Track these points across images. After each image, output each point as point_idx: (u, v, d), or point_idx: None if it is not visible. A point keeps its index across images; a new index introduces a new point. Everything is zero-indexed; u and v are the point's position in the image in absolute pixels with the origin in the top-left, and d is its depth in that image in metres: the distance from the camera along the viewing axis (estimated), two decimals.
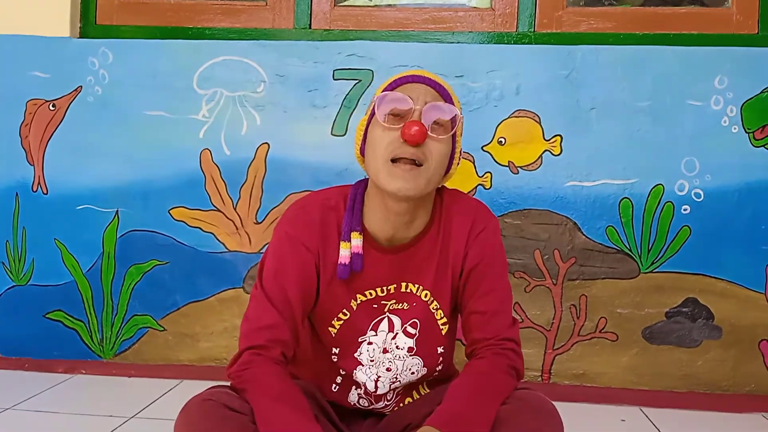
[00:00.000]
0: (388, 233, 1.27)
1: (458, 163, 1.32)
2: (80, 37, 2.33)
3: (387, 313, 1.31)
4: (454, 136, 1.25)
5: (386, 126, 1.19)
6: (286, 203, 2.17)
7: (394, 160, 1.17)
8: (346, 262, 1.25)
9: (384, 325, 1.31)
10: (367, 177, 1.30)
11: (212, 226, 2.23)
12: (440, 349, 1.35)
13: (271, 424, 1.09)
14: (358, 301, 1.30)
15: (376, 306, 1.30)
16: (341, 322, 1.30)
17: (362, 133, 1.27)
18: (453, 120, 1.23)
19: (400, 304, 1.31)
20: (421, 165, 1.17)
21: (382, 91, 1.24)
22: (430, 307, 1.31)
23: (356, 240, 1.25)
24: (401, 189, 1.16)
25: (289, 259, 1.25)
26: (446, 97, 1.24)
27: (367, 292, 1.30)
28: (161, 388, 2.12)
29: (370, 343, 1.31)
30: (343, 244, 1.25)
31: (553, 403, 1.20)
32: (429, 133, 1.17)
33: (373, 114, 1.23)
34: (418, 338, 1.32)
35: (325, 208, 1.29)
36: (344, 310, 1.30)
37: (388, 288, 1.30)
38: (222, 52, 2.23)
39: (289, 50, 2.21)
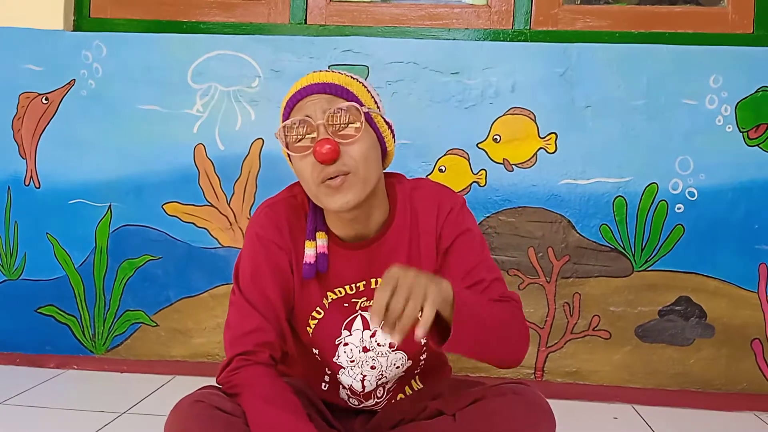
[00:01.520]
0: (350, 233, 1.27)
1: (395, 138, 1.28)
2: (74, 30, 2.31)
3: (359, 311, 1.30)
4: (371, 122, 1.21)
5: (299, 155, 1.16)
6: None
7: (323, 181, 1.15)
8: (312, 262, 1.24)
9: (358, 324, 1.30)
10: None
11: (206, 221, 2.23)
12: (423, 340, 1.34)
13: (265, 427, 1.08)
14: (329, 300, 1.29)
15: (347, 304, 1.30)
16: (316, 321, 1.30)
17: (287, 156, 1.23)
18: (359, 113, 1.17)
19: (371, 301, 1.29)
20: (348, 173, 1.15)
21: (283, 119, 1.21)
22: None
23: (321, 240, 1.25)
24: (342, 205, 1.15)
25: (263, 259, 1.25)
26: (344, 94, 1.18)
27: (336, 290, 1.29)
28: (153, 384, 2.11)
29: (346, 344, 1.31)
30: (308, 244, 1.25)
31: (546, 400, 1.21)
32: (341, 141, 1.14)
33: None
34: None
35: (293, 206, 1.29)
36: (318, 308, 1.29)
37: (357, 285, 1.29)
38: (217, 46, 2.22)
39: (285, 45, 2.20)
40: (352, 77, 1.24)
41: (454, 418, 1.22)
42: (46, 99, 2.26)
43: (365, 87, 1.24)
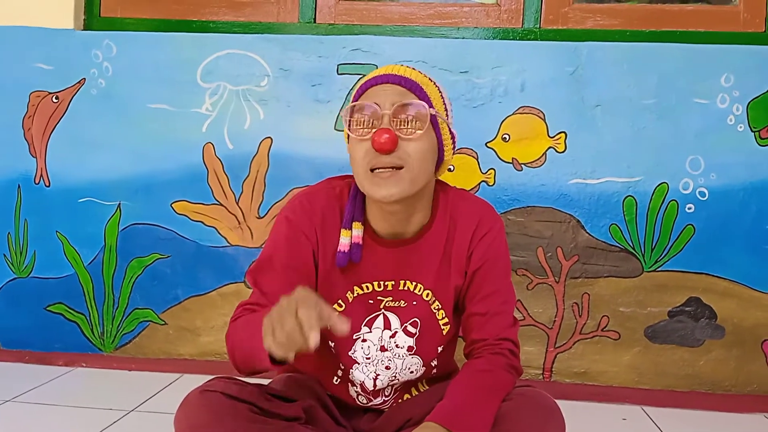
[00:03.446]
0: (388, 229, 1.27)
1: (454, 150, 1.30)
2: (84, 29, 2.32)
3: (383, 310, 1.30)
4: (436, 126, 1.22)
5: (358, 138, 1.18)
6: (289, 198, 2.16)
7: (373, 169, 1.17)
8: (345, 250, 1.24)
9: (379, 322, 1.30)
10: None
11: (214, 220, 2.23)
12: (439, 349, 1.35)
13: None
14: (354, 294, 1.29)
15: (372, 301, 1.30)
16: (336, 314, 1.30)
17: (347, 139, 1.26)
18: (426, 114, 1.19)
19: (397, 302, 1.30)
20: (401, 167, 1.16)
21: (353, 99, 1.23)
22: (432, 306, 1.31)
23: (357, 230, 1.25)
24: (386, 196, 1.16)
25: (285, 244, 1.26)
26: (417, 91, 1.20)
27: (364, 285, 1.29)
28: (161, 382, 2.11)
29: (364, 341, 1.31)
30: (343, 232, 1.25)
31: (555, 401, 1.20)
32: (401, 135, 1.15)
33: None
34: (419, 338, 1.31)
35: (330, 197, 1.29)
36: (339, 301, 1.29)
37: (386, 284, 1.29)
38: (226, 45, 2.22)
39: (294, 44, 2.20)
40: (430, 79, 1.25)
41: None
42: (56, 98, 2.27)
43: (440, 92, 1.25)
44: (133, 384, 2.10)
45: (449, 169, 2.14)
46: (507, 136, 2.13)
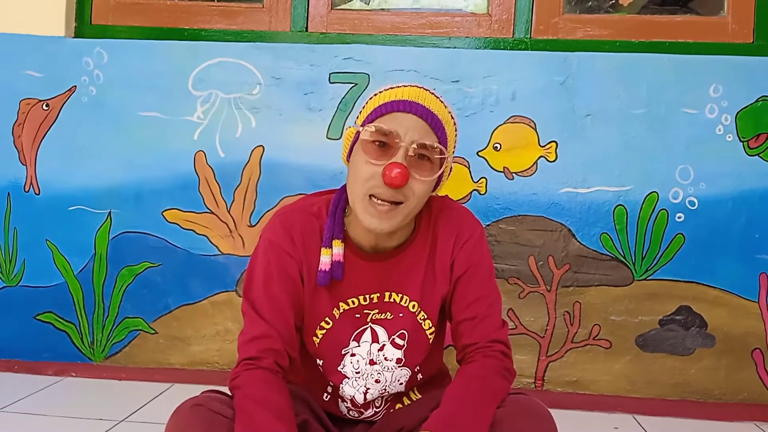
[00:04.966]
0: (371, 242, 1.27)
1: (448, 177, 1.29)
2: (75, 37, 2.32)
3: (370, 324, 1.30)
4: (441, 164, 1.20)
5: (369, 160, 1.15)
6: (281, 206, 2.16)
7: (371, 196, 1.15)
8: (327, 269, 1.23)
9: (367, 336, 1.30)
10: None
11: (206, 228, 2.22)
12: (425, 356, 1.36)
13: (245, 426, 1.08)
14: (341, 310, 1.29)
15: (358, 315, 1.29)
16: (324, 331, 1.29)
17: (350, 143, 1.24)
18: (442, 160, 1.18)
19: (384, 314, 1.30)
20: (401, 203, 1.15)
21: (373, 114, 1.19)
22: (418, 317, 1.31)
23: (337, 248, 1.24)
24: (377, 229, 1.16)
25: (275, 266, 1.25)
26: (439, 132, 1.18)
27: (349, 301, 1.28)
28: (152, 392, 2.10)
29: (353, 355, 1.30)
30: (324, 251, 1.24)
31: (547, 408, 1.20)
32: (412, 173, 1.14)
33: (359, 133, 1.19)
34: (407, 349, 1.31)
35: (308, 215, 1.28)
36: (327, 319, 1.29)
37: (371, 297, 1.29)
38: (218, 53, 2.22)
39: (286, 53, 2.20)
40: (452, 115, 1.24)
41: None
42: (46, 105, 2.26)
43: (455, 130, 1.26)
44: (123, 394, 2.09)
45: None
46: (498, 145, 2.14)
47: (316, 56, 2.19)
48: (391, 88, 1.22)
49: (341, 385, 1.33)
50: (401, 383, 1.34)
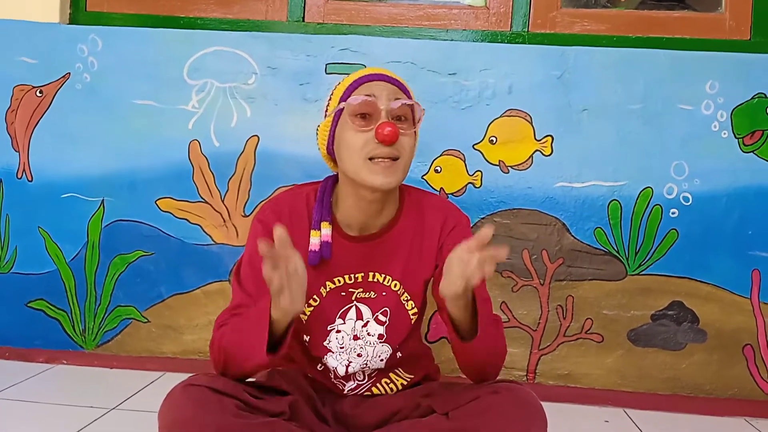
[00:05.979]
0: (360, 220, 1.36)
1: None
2: (69, 23, 2.30)
3: (355, 302, 1.38)
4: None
5: (358, 128, 1.27)
6: (274, 196, 2.16)
7: (371, 158, 1.26)
8: (316, 249, 1.33)
9: (352, 314, 1.38)
10: (334, 174, 1.41)
11: (199, 217, 2.21)
12: (405, 335, 1.42)
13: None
14: (327, 289, 1.37)
15: (344, 294, 1.37)
16: (311, 308, 1.37)
17: (327, 134, 1.35)
18: (415, 113, 1.32)
19: (368, 293, 1.38)
20: (398, 158, 1.27)
21: (347, 93, 1.31)
22: (401, 298, 1.39)
23: (326, 229, 1.34)
24: (384, 184, 1.26)
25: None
26: (404, 90, 1.33)
27: (336, 279, 1.37)
28: (144, 380, 2.10)
29: (338, 332, 1.38)
30: (313, 233, 1.34)
31: (538, 398, 1.23)
32: (400, 130, 1.26)
33: (337, 116, 1.31)
34: (388, 326, 1.39)
35: (297, 199, 1.38)
36: (314, 296, 1.36)
37: (356, 276, 1.37)
38: (214, 42, 2.21)
39: (282, 43, 2.19)
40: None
41: (447, 417, 1.25)
42: (40, 92, 2.25)
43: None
44: (114, 382, 2.09)
45: (436, 170, 2.14)
46: (494, 139, 2.14)
47: (312, 47, 2.18)
48: (351, 73, 1.37)
49: (324, 357, 1.39)
50: (382, 360, 1.41)
